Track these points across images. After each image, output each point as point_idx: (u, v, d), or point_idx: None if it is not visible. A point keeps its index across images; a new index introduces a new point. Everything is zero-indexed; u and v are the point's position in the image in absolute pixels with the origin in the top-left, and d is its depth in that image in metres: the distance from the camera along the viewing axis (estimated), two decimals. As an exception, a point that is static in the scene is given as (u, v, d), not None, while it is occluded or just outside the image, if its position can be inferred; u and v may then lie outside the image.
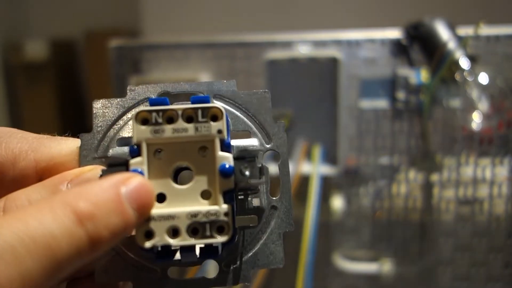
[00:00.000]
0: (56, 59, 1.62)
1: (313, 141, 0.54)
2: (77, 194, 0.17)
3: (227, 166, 0.19)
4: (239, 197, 0.21)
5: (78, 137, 0.22)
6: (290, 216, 0.22)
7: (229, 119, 0.22)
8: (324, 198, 0.53)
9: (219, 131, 0.20)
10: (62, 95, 1.66)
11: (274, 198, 0.22)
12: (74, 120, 1.72)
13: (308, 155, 0.53)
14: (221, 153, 0.20)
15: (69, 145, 0.22)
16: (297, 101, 0.54)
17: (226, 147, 0.20)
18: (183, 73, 0.55)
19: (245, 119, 0.23)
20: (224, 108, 0.21)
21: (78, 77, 1.78)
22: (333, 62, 0.52)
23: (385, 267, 0.54)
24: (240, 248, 0.22)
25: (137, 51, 0.56)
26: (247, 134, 0.22)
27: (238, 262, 0.21)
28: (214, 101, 0.22)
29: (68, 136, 0.22)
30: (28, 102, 1.61)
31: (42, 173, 0.21)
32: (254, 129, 0.22)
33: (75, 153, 0.21)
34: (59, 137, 0.22)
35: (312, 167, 0.52)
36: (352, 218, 0.55)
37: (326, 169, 0.53)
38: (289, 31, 0.55)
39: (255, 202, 0.22)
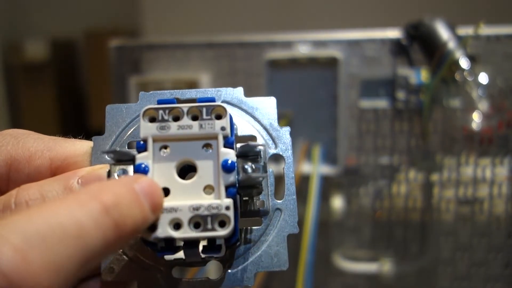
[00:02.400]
0: (56, 59, 1.62)
1: (313, 141, 0.54)
2: (100, 188, 0.18)
3: (229, 161, 0.20)
4: (244, 198, 0.22)
5: (91, 140, 0.23)
6: (294, 219, 0.22)
7: (235, 124, 0.23)
8: (324, 198, 0.53)
9: (223, 128, 0.20)
10: (62, 95, 1.66)
11: (278, 201, 0.22)
12: (74, 120, 1.72)
13: (308, 155, 0.53)
14: (224, 149, 0.20)
15: (83, 146, 0.23)
16: (297, 101, 0.54)
17: (229, 144, 0.20)
18: (183, 73, 0.55)
19: (251, 125, 0.23)
20: (231, 114, 0.21)
21: (78, 77, 1.78)
22: (333, 62, 0.52)
23: (385, 267, 0.54)
24: (244, 249, 0.22)
25: (137, 51, 0.56)
26: (254, 139, 0.23)
27: (241, 264, 0.22)
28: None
29: (82, 138, 0.23)
30: (28, 102, 1.61)
31: (56, 171, 0.22)
32: (260, 134, 0.23)
33: (88, 153, 0.22)
34: (73, 139, 0.23)
35: (312, 167, 0.52)
36: (352, 218, 0.55)
37: (326, 169, 0.53)
38: (289, 31, 0.55)
39: (260, 204, 0.22)
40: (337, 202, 0.54)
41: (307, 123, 0.54)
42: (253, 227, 0.22)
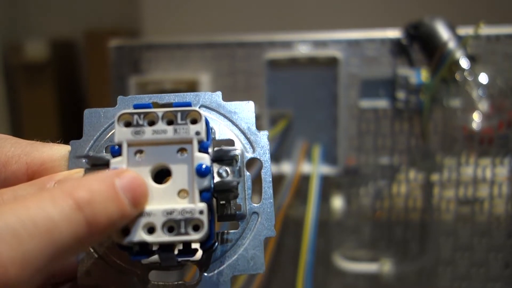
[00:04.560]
0: (56, 59, 1.62)
1: (313, 141, 0.54)
2: (76, 184, 0.18)
3: (203, 166, 0.20)
4: (221, 202, 0.22)
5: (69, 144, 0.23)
6: (271, 222, 0.22)
7: (213, 128, 0.23)
8: (324, 198, 0.53)
9: (197, 133, 0.20)
10: (62, 95, 1.66)
11: (255, 205, 0.23)
12: (74, 120, 1.72)
13: (308, 155, 0.53)
14: (198, 154, 0.20)
15: (60, 150, 0.23)
16: (297, 101, 0.54)
17: (204, 149, 0.20)
18: (183, 73, 0.55)
19: (230, 129, 0.23)
20: (209, 118, 0.22)
21: (78, 77, 1.78)
22: (333, 62, 0.52)
23: (385, 267, 0.54)
24: (221, 253, 0.22)
25: (137, 51, 0.56)
26: (231, 143, 0.23)
27: (218, 267, 0.22)
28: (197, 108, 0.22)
29: (60, 142, 0.23)
30: (28, 102, 1.61)
31: (33, 176, 0.22)
32: (238, 138, 0.23)
33: (65, 158, 0.22)
34: (51, 143, 0.23)
35: (312, 167, 0.52)
36: (352, 218, 0.55)
37: (326, 169, 0.53)
38: (289, 31, 0.55)
39: (237, 208, 0.22)
40: (337, 202, 0.54)
41: (307, 123, 0.54)
42: (230, 231, 0.22)
